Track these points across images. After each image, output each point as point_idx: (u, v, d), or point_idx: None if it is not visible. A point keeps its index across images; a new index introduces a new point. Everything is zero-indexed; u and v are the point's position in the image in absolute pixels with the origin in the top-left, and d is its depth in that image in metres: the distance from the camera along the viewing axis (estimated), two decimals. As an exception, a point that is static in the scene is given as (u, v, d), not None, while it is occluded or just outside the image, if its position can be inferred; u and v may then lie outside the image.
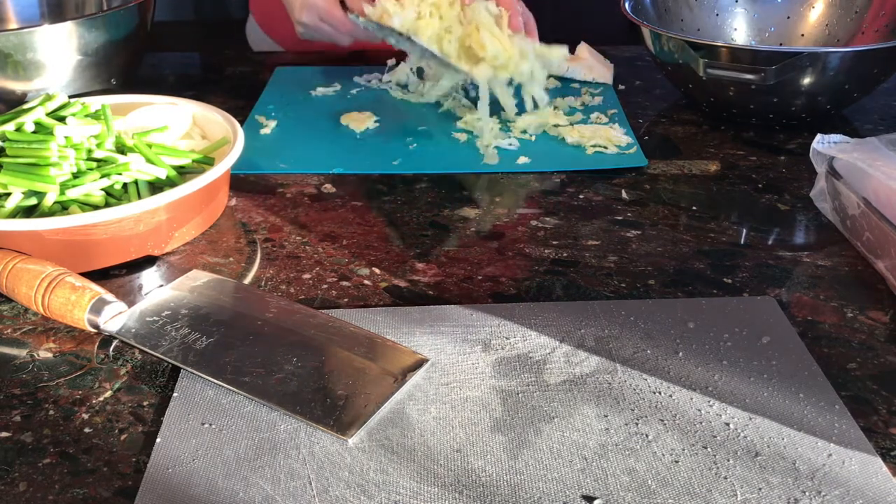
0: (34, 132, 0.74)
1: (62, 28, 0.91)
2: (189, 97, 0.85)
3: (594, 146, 0.89)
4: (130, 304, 0.63)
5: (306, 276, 0.69)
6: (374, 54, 1.18)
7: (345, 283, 0.68)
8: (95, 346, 0.61)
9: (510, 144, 0.90)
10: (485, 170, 0.85)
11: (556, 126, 0.93)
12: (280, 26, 1.28)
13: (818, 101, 0.90)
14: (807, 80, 0.87)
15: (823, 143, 0.76)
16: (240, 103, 1.01)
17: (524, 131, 0.93)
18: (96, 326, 0.61)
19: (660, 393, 0.55)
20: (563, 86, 1.05)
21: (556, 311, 0.63)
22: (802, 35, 1.04)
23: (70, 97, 0.80)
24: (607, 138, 0.90)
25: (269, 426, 0.53)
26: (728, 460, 0.50)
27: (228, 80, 1.12)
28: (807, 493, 0.48)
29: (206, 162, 0.77)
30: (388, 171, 0.86)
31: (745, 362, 0.58)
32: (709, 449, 0.51)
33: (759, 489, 0.48)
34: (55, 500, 0.48)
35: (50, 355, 0.60)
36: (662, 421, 0.53)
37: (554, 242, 0.73)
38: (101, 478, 0.50)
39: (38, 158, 0.70)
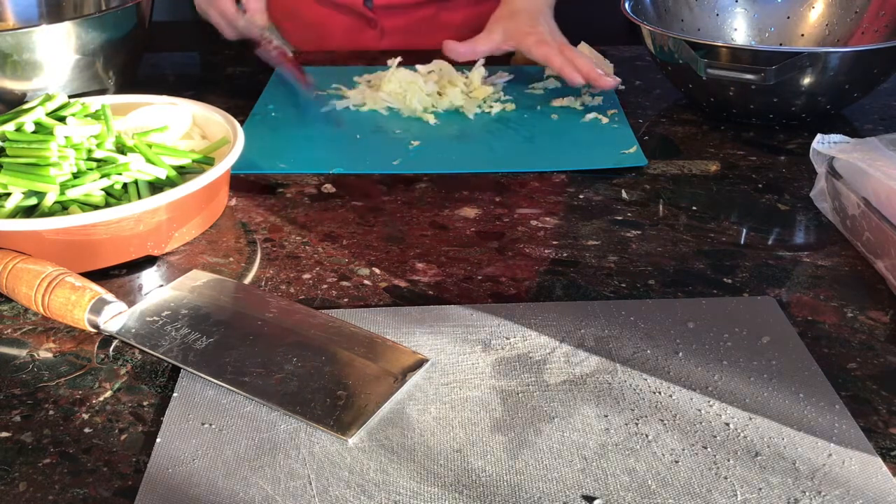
0: (34, 132, 0.74)
1: (60, 28, 0.91)
2: (189, 97, 0.85)
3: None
4: (130, 304, 0.63)
5: (306, 276, 0.69)
6: (375, 54, 1.18)
7: (345, 283, 0.68)
8: (95, 346, 0.61)
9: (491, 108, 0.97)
10: (485, 170, 0.85)
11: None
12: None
13: (818, 101, 0.90)
14: (807, 80, 0.87)
15: (823, 143, 0.76)
16: (240, 103, 1.01)
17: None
18: (96, 326, 0.61)
19: (660, 393, 0.55)
20: (563, 86, 1.05)
21: (556, 311, 0.63)
22: (802, 35, 1.04)
23: (69, 97, 0.80)
24: None
25: (269, 426, 0.53)
26: (728, 460, 0.50)
27: (228, 80, 1.12)
28: (807, 493, 0.48)
29: (206, 162, 0.77)
30: (388, 171, 0.86)
31: (745, 362, 0.58)
32: (709, 449, 0.51)
33: (759, 489, 0.48)
34: (55, 500, 0.48)
35: (50, 355, 0.60)
36: (662, 421, 0.53)
37: (554, 242, 0.73)
38: (101, 478, 0.50)
39: (38, 158, 0.70)
